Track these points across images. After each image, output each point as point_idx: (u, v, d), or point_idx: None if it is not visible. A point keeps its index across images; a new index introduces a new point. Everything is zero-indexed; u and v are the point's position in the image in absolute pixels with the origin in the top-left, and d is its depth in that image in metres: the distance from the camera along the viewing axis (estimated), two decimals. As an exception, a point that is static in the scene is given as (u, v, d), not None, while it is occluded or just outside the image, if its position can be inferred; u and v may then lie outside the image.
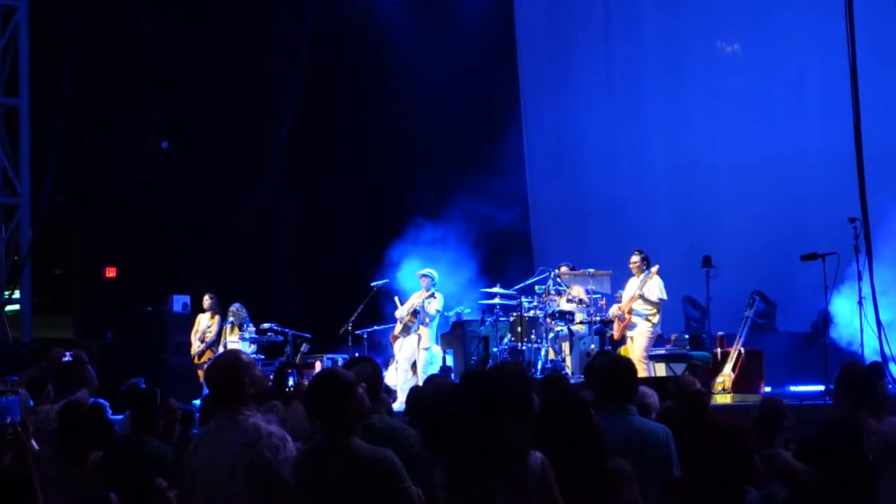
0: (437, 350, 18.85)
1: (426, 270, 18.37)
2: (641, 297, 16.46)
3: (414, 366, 18.11)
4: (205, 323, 19.80)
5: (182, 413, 10.27)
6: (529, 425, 6.19)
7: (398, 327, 18.20)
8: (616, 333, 16.91)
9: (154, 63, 23.13)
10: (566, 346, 17.93)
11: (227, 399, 6.09)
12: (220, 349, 19.14)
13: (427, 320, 18.01)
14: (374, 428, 6.58)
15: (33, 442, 7.28)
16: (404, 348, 18.12)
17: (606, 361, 7.59)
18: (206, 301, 19.87)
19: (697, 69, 22.20)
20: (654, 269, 16.56)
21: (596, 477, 5.98)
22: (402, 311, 18.24)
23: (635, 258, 16.76)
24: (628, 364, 7.58)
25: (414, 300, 18.18)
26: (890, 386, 13.92)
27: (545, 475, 5.63)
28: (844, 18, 15.48)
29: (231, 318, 19.57)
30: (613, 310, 17.03)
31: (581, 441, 6.06)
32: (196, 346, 19.66)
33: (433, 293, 18.05)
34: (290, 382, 11.68)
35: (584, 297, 17.98)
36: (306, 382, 8.56)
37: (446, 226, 21.51)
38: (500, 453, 5.59)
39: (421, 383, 14.07)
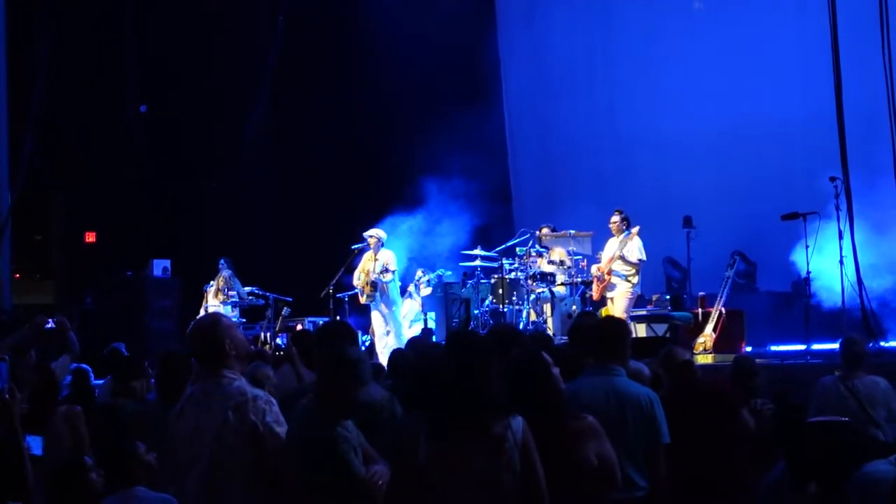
0: (408, 304, 18.92)
1: (373, 231, 18.13)
2: (622, 257, 16.46)
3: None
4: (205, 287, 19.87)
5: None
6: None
7: (361, 297, 18.14)
8: (595, 294, 16.92)
9: (132, 27, 22.99)
10: (547, 308, 17.93)
11: (209, 362, 6.08)
12: (202, 312, 19.19)
13: (387, 288, 17.92)
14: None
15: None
16: (376, 316, 18.08)
17: (597, 321, 7.57)
18: (221, 266, 19.90)
19: (677, 32, 22.18)
20: (635, 229, 16.55)
21: (552, 436, 5.93)
22: (357, 279, 18.14)
23: (615, 218, 16.75)
24: (618, 324, 7.55)
25: (366, 264, 18.01)
26: (870, 344, 14.00)
27: (527, 441, 5.56)
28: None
29: (214, 283, 19.58)
30: (594, 270, 17.05)
31: (538, 399, 6.01)
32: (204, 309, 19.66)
33: (386, 268, 17.84)
34: (280, 343, 11.73)
35: (566, 259, 18.00)
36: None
37: (427, 188, 21.47)
38: (478, 412, 5.57)
39: (400, 345, 14.09)
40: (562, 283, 17.84)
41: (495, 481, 5.47)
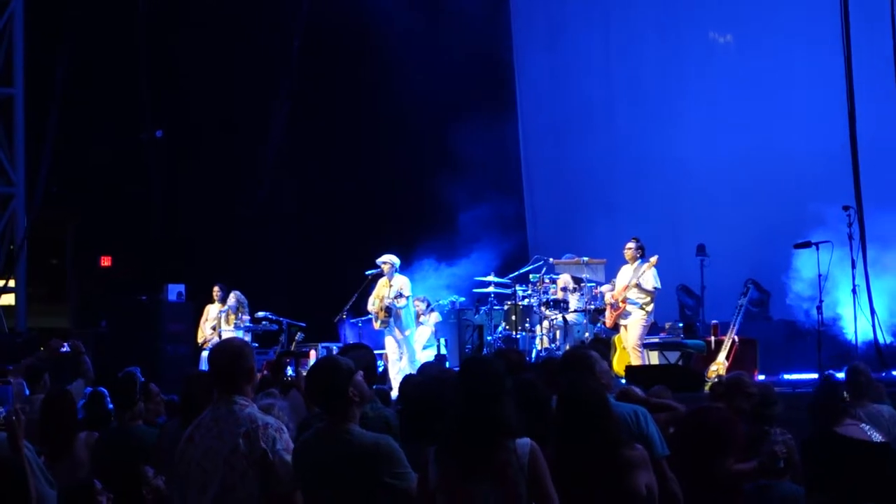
0: (421, 331, 18.90)
1: (386, 257, 18.06)
2: (637, 285, 16.44)
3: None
4: (214, 313, 19.79)
5: (167, 403, 10.33)
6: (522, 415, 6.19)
7: (376, 323, 18.14)
8: (609, 321, 16.90)
9: (148, 51, 23.09)
10: (560, 335, 17.95)
11: (228, 386, 6.08)
12: (210, 335, 19.22)
13: (401, 313, 17.93)
14: (367, 416, 6.60)
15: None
16: (390, 342, 18.08)
17: (564, 353, 7.64)
18: (216, 292, 19.85)
19: (694, 63, 22.21)
20: (653, 259, 16.47)
21: (609, 466, 5.99)
22: (371, 305, 18.16)
23: (631, 245, 16.70)
24: (581, 352, 7.64)
25: (380, 290, 18.02)
26: (884, 374, 14.00)
27: (534, 462, 5.61)
28: (839, 7, 15.52)
29: (230, 304, 19.52)
30: (607, 298, 16.98)
31: (593, 431, 6.06)
32: (208, 333, 19.61)
33: (400, 293, 17.86)
34: (289, 372, 11.77)
35: (569, 284, 18.03)
36: (304, 372, 8.60)
37: (441, 215, 21.54)
38: (479, 439, 5.62)
39: (413, 370, 14.09)
40: (574, 310, 17.86)
41: None
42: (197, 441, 6.05)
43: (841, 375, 10.07)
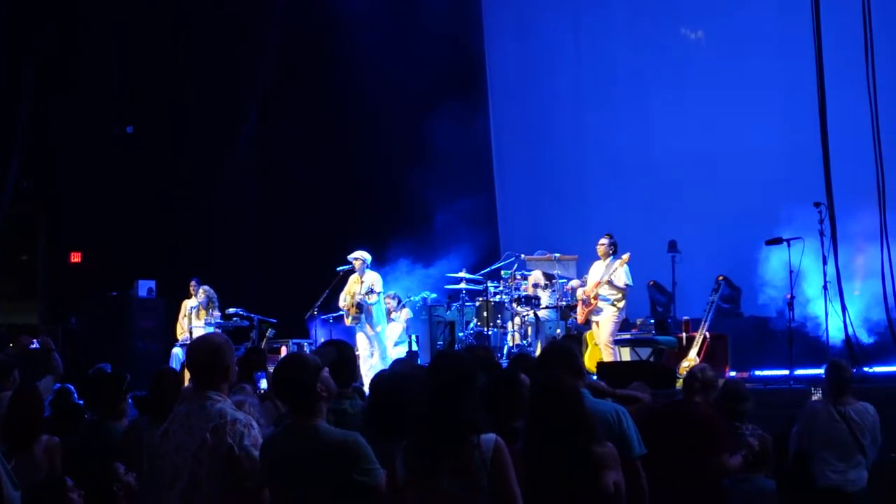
0: (392, 327, 18.85)
1: (357, 254, 18.06)
2: (609, 282, 16.46)
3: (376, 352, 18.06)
4: (191, 308, 19.74)
5: (137, 399, 10.29)
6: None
7: (347, 319, 18.11)
8: (580, 318, 16.93)
9: (119, 47, 22.96)
10: (532, 331, 17.95)
11: (204, 381, 6.09)
12: (184, 332, 19.18)
13: (371, 309, 17.91)
14: (347, 413, 6.57)
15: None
16: (361, 338, 18.04)
17: (548, 347, 7.61)
18: (192, 286, 19.77)
19: (665, 59, 22.23)
20: (625, 256, 16.50)
21: (581, 463, 5.96)
22: (343, 301, 18.14)
23: (604, 240, 16.75)
24: (566, 344, 7.60)
25: (352, 286, 18.03)
26: (855, 370, 14.02)
27: (497, 458, 5.61)
28: (810, 5, 15.55)
29: (200, 301, 19.45)
30: (579, 294, 17.00)
31: (568, 427, 6.03)
32: (186, 328, 19.51)
33: (371, 289, 17.85)
34: (262, 386, 11.71)
35: (541, 281, 18.05)
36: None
37: (413, 212, 21.48)
38: (447, 435, 5.62)
39: (385, 366, 14.06)
40: (546, 307, 17.87)
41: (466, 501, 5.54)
42: (171, 436, 6.07)
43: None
